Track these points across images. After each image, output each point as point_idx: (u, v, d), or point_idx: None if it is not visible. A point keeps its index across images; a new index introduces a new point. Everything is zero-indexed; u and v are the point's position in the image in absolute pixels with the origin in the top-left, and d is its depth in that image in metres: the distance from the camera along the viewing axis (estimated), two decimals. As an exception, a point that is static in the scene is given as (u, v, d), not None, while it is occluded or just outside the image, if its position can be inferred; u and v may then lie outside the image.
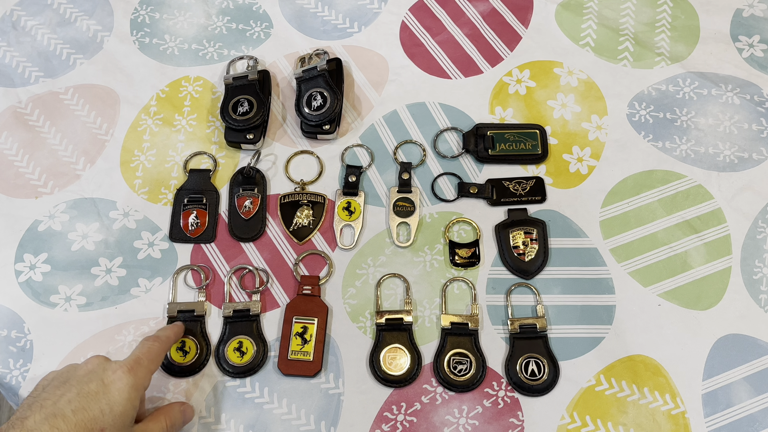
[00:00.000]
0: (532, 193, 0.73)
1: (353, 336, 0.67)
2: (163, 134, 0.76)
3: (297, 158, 0.76)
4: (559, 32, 0.83)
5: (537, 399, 0.64)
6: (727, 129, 0.77)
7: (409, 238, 0.71)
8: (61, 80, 0.79)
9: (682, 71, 0.81)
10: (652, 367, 0.65)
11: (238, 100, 0.75)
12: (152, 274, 0.69)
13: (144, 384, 0.55)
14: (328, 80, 0.75)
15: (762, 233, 0.71)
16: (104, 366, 0.54)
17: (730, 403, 0.63)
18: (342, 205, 0.72)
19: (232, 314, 0.66)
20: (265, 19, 0.84)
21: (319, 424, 0.63)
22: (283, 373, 0.64)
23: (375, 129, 0.77)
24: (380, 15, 0.84)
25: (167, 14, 0.84)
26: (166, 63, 0.81)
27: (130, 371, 0.54)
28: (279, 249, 0.71)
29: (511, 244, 0.70)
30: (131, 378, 0.53)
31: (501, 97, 0.79)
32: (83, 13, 0.84)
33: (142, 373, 0.55)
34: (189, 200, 0.72)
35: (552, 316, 0.67)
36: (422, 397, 0.64)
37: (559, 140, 0.76)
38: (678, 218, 0.72)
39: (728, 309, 0.68)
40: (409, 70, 0.81)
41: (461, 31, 0.83)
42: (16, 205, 0.72)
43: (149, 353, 0.57)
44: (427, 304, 0.68)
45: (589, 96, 0.79)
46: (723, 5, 0.85)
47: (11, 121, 0.77)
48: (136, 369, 0.54)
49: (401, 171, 0.74)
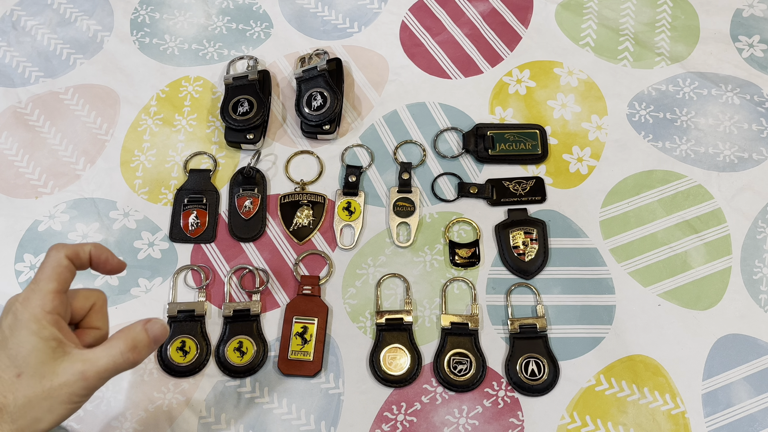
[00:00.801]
0: (532, 193, 0.73)
1: (353, 336, 0.67)
2: (163, 134, 0.76)
3: (297, 158, 0.76)
4: (559, 32, 0.83)
5: (537, 399, 0.64)
6: (727, 129, 0.77)
7: (409, 238, 0.71)
8: (61, 80, 0.79)
9: (682, 71, 0.81)
10: (652, 367, 0.65)
11: (238, 100, 0.75)
12: (152, 274, 0.69)
13: (47, 309, 0.47)
14: (328, 80, 0.75)
15: (762, 233, 0.71)
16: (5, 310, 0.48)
17: (730, 403, 0.63)
18: (342, 205, 0.72)
19: (232, 314, 0.66)
20: (265, 19, 0.84)
21: (319, 424, 0.63)
22: (283, 373, 0.64)
23: (375, 129, 0.77)
24: (380, 15, 0.85)
25: (167, 14, 0.84)
26: (166, 63, 0.81)
27: (25, 302, 0.47)
28: (279, 249, 0.71)
29: (511, 244, 0.70)
30: (26, 310, 0.47)
31: (501, 97, 0.79)
32: (83, 13, 0.84)
33: (40, 299, 0.47)
34: (189, 200, 0.72)
35: (552, 316, 0.67)
36: (422, 397, 0.64)
37: (559, 140, 0.76)
38: (678, 218, 0.72)
39: (728, 309, 0.68)
40: (409, 70, 0.81)
41: (461, 31, 0.83)
42: (16, 205, 0.72)
43: (42, 271, 0.49)
44: (427, 304, 0.68)
45: (589, 96, 0.79)
46: (723, 5, 0.85)
47: (11, 121, 0.77)
48: (31, 297, 0.47)
49: (401, 171, 0.74)
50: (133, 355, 0.48)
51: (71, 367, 0.47)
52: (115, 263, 0.53)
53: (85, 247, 0.51)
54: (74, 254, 0.50)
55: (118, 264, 0.53)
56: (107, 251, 0.52)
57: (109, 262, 0.52)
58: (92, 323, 0.52)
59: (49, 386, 0.46)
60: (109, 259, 0.52)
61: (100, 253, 0.51)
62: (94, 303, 0.52)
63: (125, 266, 0.54)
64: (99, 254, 0.51)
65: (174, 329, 0.66)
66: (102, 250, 0.52)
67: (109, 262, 0.52)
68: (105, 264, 0.52)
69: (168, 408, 0.63)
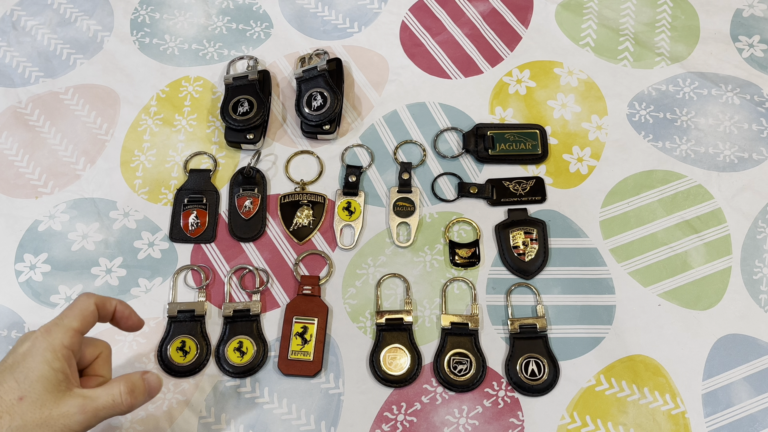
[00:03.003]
0: (532, 193, 0.73)
1: (353, 336, 0.67)
2: (163, 134, 0.76)
3: (297, 158, 0.76)
4: (559, 32, 0.83)
5: (537, 399, 0.64)
6: (727, 129, 0.77)
7: (409, 238, 0.71)
8: (61, 80, 0.79)
9: (682, 71, 0.81)
10: (652, 367, 0.65)
11: (238, 100, 0.75)
12: (152, 274, 0.69)
13: (65, 343, 0.50)
14: (328, 80, 0.75)
15: (762, 233, 0.71)
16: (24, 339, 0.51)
17: (730, 403, 0.63)
18: (342, 205, 0.72)
19: (232, 314, 0.66)
20: (265, 19, 0.84)
21: (319, 424, 0.63)
22: (283, 373, 0.64)
23: (375, 129, 0.77)
24: (380, 15, 0.85)
25: (167, 14, 0.84)
26: (166, 63, 0.81)
27: (45, 333, 0.50)
28: (279, 249, 0.71)
29: (511, 244, 0.70)
30: (45, 340, 0.50)
31: (501, 97, 0.79)
32: (83, 13, 0.84)
33: (61, 333, 0.50)
34: (189, 200, 0.72)
35: (552, 316, 0.67)
36: (422, 397, 0.64)
37: (559, 140, 0.76)
38: (678, 218, 0.72)
39: (728, 309, 0.68)
40: (409, 70, 0.81)
41: (461, 31, 0.83)
42: (16, 205, 0.72)
43: (70, 310, 0.52)
44: (427, 304, 0.68)
45: (589, 96, 0.79)
46: (723, 5, 0.85)
47: (11, 121, 0.77)
48: (53, 329, 0.50)
49: (401, 171, 0.74)
50: (130, 398, 0.51)
51: (72, 400, 0.49)
52: (135, 321, 0.57)
53: (112, 301, 0.55)
54: (102, 304, 0.54)
55: (138, 322, 0.57)
56: (130, 309, 0.56)
57: (130, 319, 0.56)
58: (97, 371, 0.55)
59: (48, 414, 0.48)
60: (131, 316, 0.56)
61: (124, 309, 0.56)
62: (101, 352, 0.55)
63: (143, 324, 0.58)
64: (123, 310, 0.55)
65: (174, 329, 0.66)
66: (126, 308, 0.56)
67: (130, 319, 0.56)
68: (126, 320, 0.56)
69: (168, 408, 0.63)
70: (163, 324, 0.67)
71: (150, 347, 0.66)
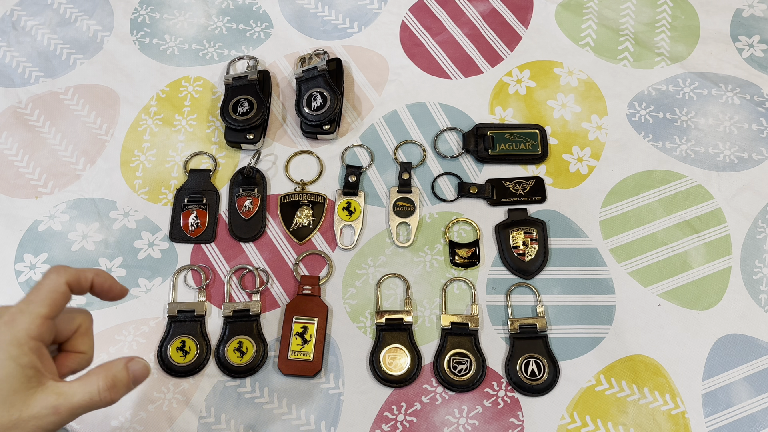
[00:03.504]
0: (532, 193, 0.73)
1: (353, 336, 0.67)
2: (163, 134, 0.76)
3: (297, 158, 0.76)
4: (559, 32, 0.83)
5: (537, 399, 0.64)
6: (727, 129, 0.77)
7: (409, 238, 0.71)
8: (61, 80, 0.79)
9: (682, 71, 0.81)
10: (652, 367, 0.65)
11: (238, 100, 0.75)
12: (152, 274, 0.69)
13: (32, 334, 0.44)
14: (328, 80, 0.75)
15: (762, 233, 0.71)
16: None
17: (730, 403, 0.63)
18: (342, 205, 0.72)
19: (232, 314, 0.66)
20: (265, 19, 0.84)
21: (319, 424, 0.63)
22: (283, 373, 0.64)
23: (375, 129, 0.77)
24: (380, 15, 0.85)
25: (167, 14, 0.84)
26: (166, 63, 0.81)
27: (9, 323, 0.44)
28: (279, 249, 0.71)
29: (511, 244, 0.70)
30: (8, 333, 0.43)
31: (501, 97, 0.79)
32: (83, 13, 0.84)
33: (27, 321, 0.44)
34: (189, 200, 0.72)
35: (552, 316, 0.67)
36: (422, 397, 0.64)
37: (559, 140, 0.76)
38: (678, 218, 0.72)
39: (728, 309, 0.68)
40: (409, 70, 0.81)
41: (461, 31, 0.83)
42: (16, 205, 0.72)
43: (37, 292, 0.45)
44: (427, 304, 0.68)
45: (589, 96, 0.79)
46: (723, 5, 0.85)
47: (11, 121, 0.77)
48: (17, 318, 0.44)
49: (401, 171, 0.74)
50: (110, 394, 0.46)
51: (44, 400, 0.44)
52: (117, 290, 0.51)
53: (88, 273, 0.48)
54: (75, 280, 0.47)
55: (120, 290, 0.51)
56: (110, 278, 0.50)
57: (112, 291, 0.50)
58: (77, 347, 0.49)
59: (17, 416, 0.43)
60: (112, 286, 0.50)
61: (103, 281, 0.49)
62: (80, 325, 0.49)
63: (127, 292, 0.52)
64: (102, 282, 0.49)
65: (174, 329, 0.66)
66: (105, 277, 0.49)
67: (112, 290, 0.50)
68: (108, 291, 0.50)
69: (168, 408, 0.63)
70: (163, 324, 0.67)
71: (150, 347, 0.66)
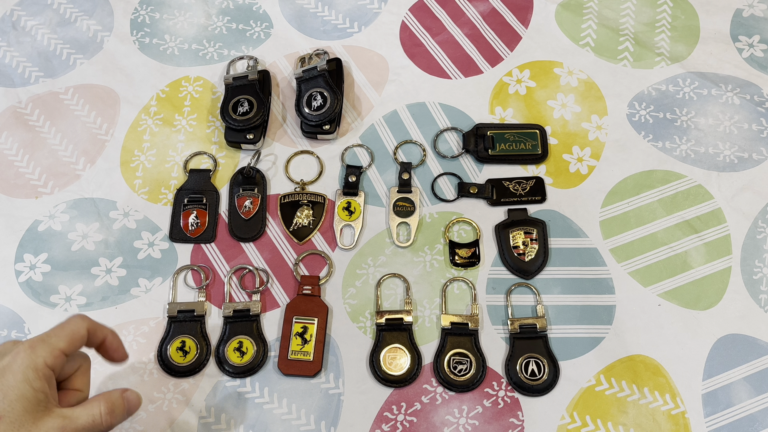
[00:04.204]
0: (532, 193, 0.73)
1: (353, 336, 0.67)
2: (163, 134, 0.76)
3: (297, 158, 0.76)
4: (559, 32, 0.83)
5: (537, 399, 0.64)
6: (727, 129, 0.77)
7: (409, 238, 0.71)
8: (61, 80, 0.79)
9: (682, 71, 0.81)
10: (652, 367, 0.65)
11: (238, 100, 0.75)
12: (152, 274, 0.69)
13: (48, 362, 0.48)
14: (328, 80, 0.75)
15: (762, 233, 0.71)
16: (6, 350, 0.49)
17: (730, 403, 0.63)
18: (342, 205, 0.72)
19: (232, 314, 0.66)
20: (265, 19, 0.84)
21: (319, 424, 0.63)
22: (283, 373, 0.64)
23: (375, 129, 0.77)
24: (380, 15, 0.85)
25: (167, 14, 0.84)
26: (166, 63, 0.81)
27: (30, 348, 0.48)
28: (279, 249, 0.71)
29: (511, 244, 0.70)
30: (28, 358, 0.47)
31: (501, 97, 0.79)
32: (83, 13, 0.84)
33: (46, 351, 0.48)
34: (189, 200, 0.72)
35: (552, 316, 0.67)
36: (422, 397, 0.64)
37: (559, 140, 0.76)
38: (678, 218, 0.72)
39: (728, 309, 0.68)
40: (409, 70, 0.81)
41: (461, 31, 0.83)
42: (16, 205, 0.72)
43: (60, 329, 0.50)
44: (427, 304, 0.68)
45: (589, 96, 0.79)
46: (723, 5, 0.85)
47: (11, 121, 0.77)
48: (38, 346, 0.48)
49: (401, 171, 0.74)
50: (110, 418, 0.50)
51: (51, 422, 0.47)
52: (121, 354, 0.55)
53: (105, 330, 0.53)
54: (93, 331, 0.52)
55: (124, 355, 0.55)
56: (119, 341, 0.55)
57: (117, 352, 0.54)
58: (75, 385, 0.53)
59: None
60: (119, 349, 0.55)
61: (114, 341, 0.54)
62: (81, 365, 0.53)
63: (127, 359, 0.56)
64: (112, 341, 0.54)
65: (174, 329, 0.66)
66: (116, 339, 0.54)
67: (118, 352, 0.54)
68: (113, 352, 0.54)
69: (168, 408, 0.63)
70: (163, 324, 0.67)
71: (150, 347, 0.66)
